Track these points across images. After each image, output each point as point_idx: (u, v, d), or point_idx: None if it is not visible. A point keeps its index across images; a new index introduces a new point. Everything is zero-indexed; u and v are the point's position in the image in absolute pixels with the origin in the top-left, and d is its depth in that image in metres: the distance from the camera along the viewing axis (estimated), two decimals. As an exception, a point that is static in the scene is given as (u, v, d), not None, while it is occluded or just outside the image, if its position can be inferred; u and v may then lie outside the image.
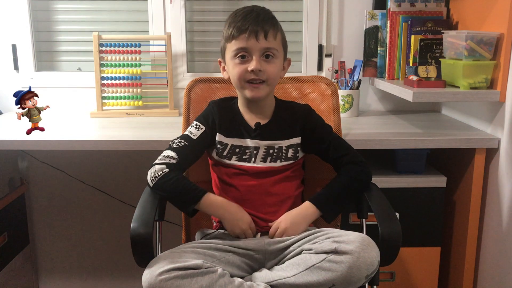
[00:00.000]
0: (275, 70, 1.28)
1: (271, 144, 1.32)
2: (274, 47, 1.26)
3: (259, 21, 1.24)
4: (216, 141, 1.33)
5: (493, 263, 1.54)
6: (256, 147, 1.32)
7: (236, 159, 1.32)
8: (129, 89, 1.96)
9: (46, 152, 2.05)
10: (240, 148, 1.33)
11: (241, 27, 1.24)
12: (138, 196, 1.25)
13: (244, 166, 1.32)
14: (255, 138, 1.32)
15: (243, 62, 1.26)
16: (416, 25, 1.81)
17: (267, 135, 1.33)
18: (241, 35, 1.24)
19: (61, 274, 2.21)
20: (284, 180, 1.33)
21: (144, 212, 1.17)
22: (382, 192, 1.30)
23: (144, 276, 1.06)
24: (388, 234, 1.14)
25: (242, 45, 1.24)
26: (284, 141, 1.33)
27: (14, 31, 2.01)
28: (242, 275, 1.19)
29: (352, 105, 1.88)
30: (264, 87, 1.28)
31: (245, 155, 1.32)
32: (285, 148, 1.33)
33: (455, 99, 1.54)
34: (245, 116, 1.35)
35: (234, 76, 1.29)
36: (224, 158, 1.33)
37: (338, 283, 1.05)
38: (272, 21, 1.27)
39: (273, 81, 1.30)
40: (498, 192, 1.51)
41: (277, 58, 1.28)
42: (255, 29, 1.23)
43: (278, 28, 1.29)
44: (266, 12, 1.29)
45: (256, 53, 1.24)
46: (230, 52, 1.27)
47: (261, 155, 1.32)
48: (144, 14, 2.04)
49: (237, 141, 1.33)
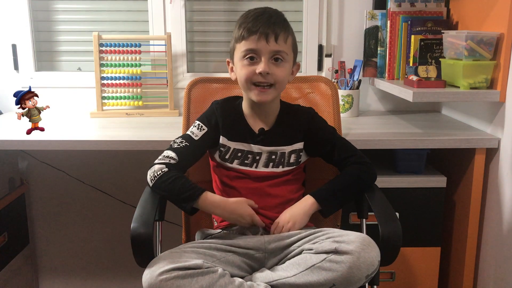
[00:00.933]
0: (283, 74, 1.26)
1: (274, 150, 1.32)
2: (284, 51, 1.25)
3: (270, 24, 1.22)
4: (219, 144, 1.33)
5: (493, 263, 1.54)
6: (259, 153, 1.31)
7: (238, 163, 1.32)
8: (129, 89, 1.96)
9: (46, 152, 2.05)
10: (243, 152, 1.32)
11: (251, 28, 1.22)
12: (138, 196, 1.25)
13: (246, 170, 1.31)
14: (258, 144, 1.32)
15: (251, 64, 1.24)
16: (416, 25, 1.81)
17: (270, 141, 1.32)
18: (251, 37, 1.22)
19: (61, 274, 2.21)
20: (285, 184, 1.33)
21: (144, 212, 1.17)
22: (382, 192, 1.30)
23: (144, 276, 1.06)
24: (388, 234, 1.14)
25: (252, 47, 1.23)
26: (287, 147, 1.33)
27: (14, 31, 2.01)
28: (242, 275, 1.19)
29: (352, 105, 1.88)
30: (272, 91, 1.26)
31: (247, 160, 1.31)
32: (288, 154, 1.33)
33: (455, 99, 1.54)
34: (249, 120, 1.34)
35: (241, 77, 1.27)
36: (226, 162, 1.32)
37: (339, 283, 1.05)
38: (283, 24, 1.25)
39: (281, 85, 1.28)
40: (498, 192, 1.51)
41: (286, 62, 1.26)
42: (265, 31, 1.21)
43: (289, 31, 1.27)
44: (278, 15, 1.27)
45: (265, 55, 1.22)
46: (239, 53, 1.26)
47: (264, 160, 1.31)
48: (144, 14, 2.04)
49: (239, 145, 1.32)
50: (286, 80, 1.30)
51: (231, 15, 2.05)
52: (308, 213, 1.26)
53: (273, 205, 1.30)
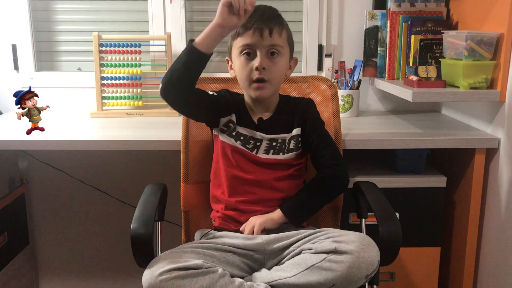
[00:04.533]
0: (280, 69, 1.30)
1: (275, 138, 1.34)
2: (279, 44, 1.28)
3: (264, 19, 1.26)
4: (230, 120, 1.35)
5: (493, 263, 1.54)
6: (260, 139, 1.34)
7: (240, 144, 1.34)
8: (129, 89, 1.96)
9: (46, 152, 2.05)
10: (245, 137, 1.34)
11: (246, 24, 1.25)
12: (138, 196, 1.25)
13: (247, 152, 1.33)
14: (260, 131, 1.34)
15: (248, 60, 1.27)
16: (416, 25, 1.81)
17: (270, 129, 1.34)
18: (246, 32, 1.26)
19: (61, 274, 2.21)
20: (288, 178, 1.34)
21: (144, 212, 1.17)
22: (382, 192, 1.30)
23: (144, 276, 1.06)
24: (388, 234, 1.15)
25: (247, 42, 1.26)
26: (287, 134, 1.35)
27: (14, 31, 2.01)
28: (242, 275, 1.19)
29: (352, 105, 1.88)
30: (269, 86, 1.29)
31: (249, 144, 1.33)
32: (288, 141, 1.34)
33: (455, 99, 1.54)
34: (250, 111, 1.37)
35: (240, 76, 1.31)
36: (232, 137, 1.34)
37: (338, 282, 1.05)
38: (277, 19, 1.29)
39: (278, 81, 1.32)
40: (498, 192, 1.51)
41: (282, 56, 1.29)
42: (260, 26, 1.25)
43: (283, 26, 1.30)
44: (272, 11, 1.31)
45: (261, 50, 1.26)
46: (236, 49, 1.29)
47: (264, 147, 1.33)
48: (144, 14, 2.04)
49: (243, 130, 1.34)
50: (283, 75, 1.33)
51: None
52: (277, 223, 1.27)
53: (275, 199, 1.31)
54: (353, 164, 1.68)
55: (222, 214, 1.33)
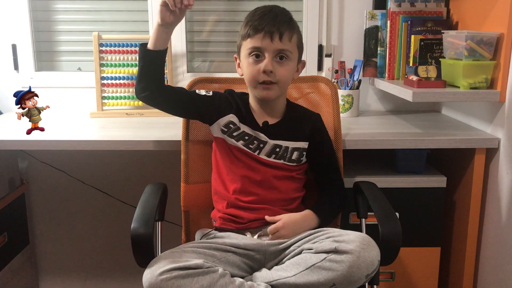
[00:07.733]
0: (287, 73, 1.28)
1: (279, 144, 1.33)
2: (288, 49, 1.27)
3: (275, 22, 1.24)
4: (230, 121, 1.34)
5: (493, 263, 1.55)
6: (264, 141, 1.33)
7: (243, 144, 1.33)
8: (129, 89, 1.96)
9: (46, 152, 2.05)
10: (250, 136, 1.33)
11: (257, 26, 1.24)
12: (138, 196, 1.25)
13: (248, 151, 1.33)
14: (265, 134, 1.34)
15: (256, 62, 1.26)
16: (416, 25, 1.82)
17: (274, 134, 1.33)
18: (257, 35, 1.25)
19: (61, 274, 2.21)
20: (289, 179, 1.34)
21: (144, 212, 1.17)
22: (382, 192, 1.30)
23: (144, 276, 1.06)
24: (388, 234, 1.15)
25: (257, 45, 1.25)
26: (291, 143, 1.34)
27: (14, 31, 2.01)
28: (242, 275, 1.19)
29: (352, 105, 1.88)
30: (275, 88, 1.28)
31: (252, 145, 1.33)
32: (291, 150, 1.34)
33: (455, 99, 1.54)
34: (254, 113, 1.36)
35: (247, 75, 1.30)
36: (233, 138, 1.33)
37: (339, 282, 1.06)
38: (289, 23, 1.27)
39: (284, 84, 1.31)
40: (498, 192, 1.51)
41: (290, 60, 1.28)
42: (270, 30, 1.24)
43: (294, 30, 1.29)
44: (284, 14, 1.29)
45: (269, 53, 1.25)
46: (244, 50, 1.28)
47: (267, 150, 1.33)
48: (144, 14, 2.04)
49: (249, 130, 1.34)
50: (290, 78, 1.32)
51: (231, 15, 2.05)
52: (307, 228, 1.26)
53: (276, 199, 1.31)
54: (353, 164, 1.68)
55: (224, 213, 1.33)
